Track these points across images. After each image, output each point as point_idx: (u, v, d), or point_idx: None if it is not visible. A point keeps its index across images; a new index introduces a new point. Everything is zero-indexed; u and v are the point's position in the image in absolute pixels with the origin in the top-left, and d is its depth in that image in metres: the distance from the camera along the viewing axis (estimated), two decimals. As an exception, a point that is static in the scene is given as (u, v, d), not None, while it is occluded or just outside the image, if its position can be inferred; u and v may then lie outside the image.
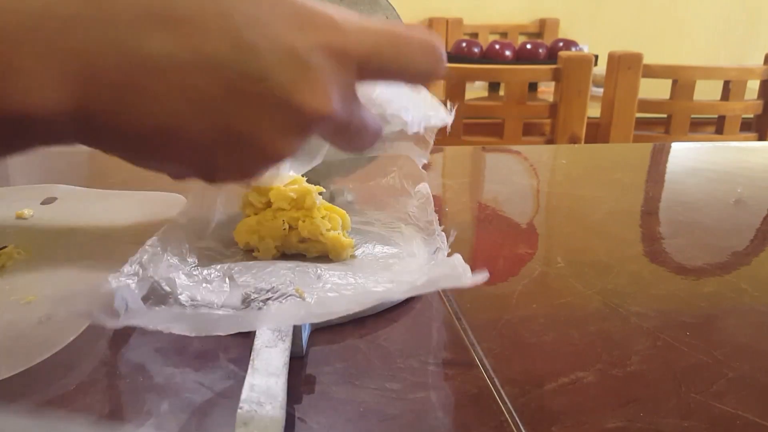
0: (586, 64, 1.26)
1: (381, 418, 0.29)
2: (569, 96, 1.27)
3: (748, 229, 0.56)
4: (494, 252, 0.50)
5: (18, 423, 0.18)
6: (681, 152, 0.87)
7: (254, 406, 0.26)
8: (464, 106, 1.29)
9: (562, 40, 1.83)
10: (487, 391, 0.31)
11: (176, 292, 0.35)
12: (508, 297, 0.42)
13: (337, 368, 0.33)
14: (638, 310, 0.40)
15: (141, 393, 0.31)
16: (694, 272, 0.46)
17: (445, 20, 2.64)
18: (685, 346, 0.36)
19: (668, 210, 0.62)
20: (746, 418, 0.30)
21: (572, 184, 0.71)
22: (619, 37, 2.73)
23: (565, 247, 0.51)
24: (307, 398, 0.30)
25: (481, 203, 0.63)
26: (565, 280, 0.44)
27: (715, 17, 2.82)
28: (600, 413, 0.30)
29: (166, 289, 0.35)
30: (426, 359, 0.34)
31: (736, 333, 0.38)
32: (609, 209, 0.61)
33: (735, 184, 0.69)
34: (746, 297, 0.43)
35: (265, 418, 0.25)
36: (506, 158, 0.86)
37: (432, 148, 0.46)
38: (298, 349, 0.33)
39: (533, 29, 2.75)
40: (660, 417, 0.29)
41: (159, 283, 0.35)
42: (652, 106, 1.39)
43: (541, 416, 0.29)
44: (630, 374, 0.33)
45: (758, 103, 1.45)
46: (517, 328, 0.38)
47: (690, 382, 0.32)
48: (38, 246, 0.46)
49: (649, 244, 0.53)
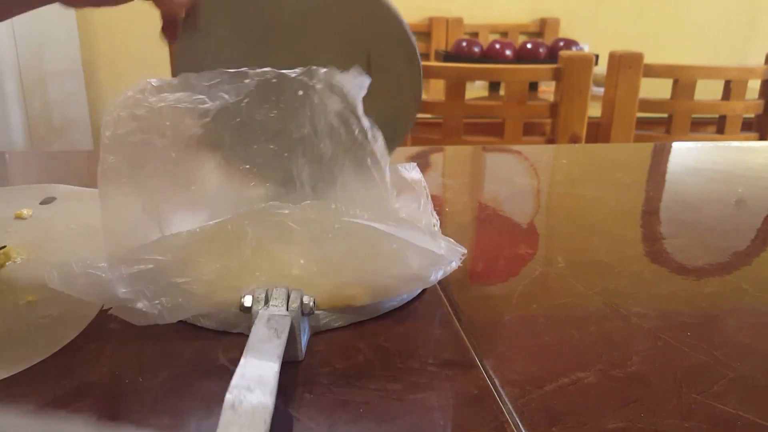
0: (587, 64, 1.26)
1: (381, 419, 0.29)
2: (570, 96, 1.27)
3: (749, 229, 0.56)
4: (494, 252, 0.50)
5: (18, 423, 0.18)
6: (682, 152, 0.87)
7: (243, 391, 0.26)
8: (464, 105, 1.29)
9: (563, 39, 1.82)
10: (487, 391, 0.31)
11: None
12: (509, 297, 0.41)
13: (337, 369, 0.33)
14: (639, 311, 0.39)
15: (141, 393, 0.31)
16: (694, 272, 0.46)
17: (445, 20, 2.64)
18: (686, 346, 0.35)
19: (669, 210, 0.62)
20: (747, 418, 0.29)
21: (573, 184, 0.71)
22: (620, 36, 2.72)
23: (565, 247, 0.51)
24: (307, 399, 0.30)
25: (481, 203, 0.63)
26: (566, 281, 0.44)
27: (715, 17, 2.82)
28: (600, 414, 0.30)
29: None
30: (426, 359, 0.34)
31: (737, 333, 0.38)
32: (610, 209, 0.61)
33: (736, 184, 0.69)
34: (747, 297, 0.43)
35: (254, 402, 0.25)
36: (506, 158, 0.85)
37: (432, 148, 0.46)
38: (297, 354, 0.33)
39: (533, 29, 2.75)
40: (661, 417, 0.29)
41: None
42: (652, 105, 1.39)
43: (542, 417, 0.29)
44: (631, 375, 0.33)
45: (759, 103, 1.45)
46: (517, 329, 0.38)
47: (691, 382, 0.32)
48: (38, 246, 0.46)
49: (650, 244, 0.53)
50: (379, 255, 0.36)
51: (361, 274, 0.36)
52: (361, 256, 0.36)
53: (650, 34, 2.78)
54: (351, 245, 0.36)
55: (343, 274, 0.36)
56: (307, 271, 0.36)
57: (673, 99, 1.38)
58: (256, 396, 0.25)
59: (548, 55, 1.76)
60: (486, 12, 2.71)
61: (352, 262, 0.36)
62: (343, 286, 0.37)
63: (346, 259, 0.36)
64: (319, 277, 0.36)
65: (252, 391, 0.26)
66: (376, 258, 0.36)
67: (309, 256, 0.36)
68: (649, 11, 2.79)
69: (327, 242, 0.36)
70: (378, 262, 0.36)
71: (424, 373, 0.33)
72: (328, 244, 0.36)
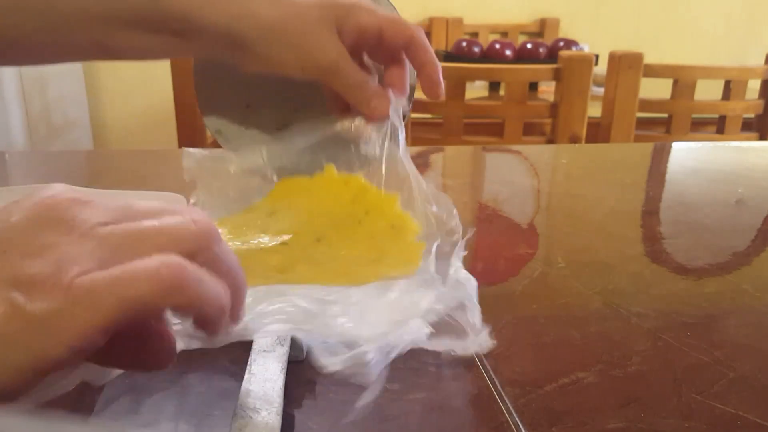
0: (587, 64, 1.26)
1: (381, 419, 0.29)
2: (570, 96, 1.27)
3: (749, 230, 0.56)
4: (494, 252, 0.50)
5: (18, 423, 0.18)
6: (682, 152, 0.87)
7: (250, 412, 0.26)
8: (464, 105, 1.29)
9: (563, 39, 1.82)
10: (487, 391, 0.31)
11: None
12: (508, 297, 0.41)
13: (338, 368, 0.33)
14: (639, 311, 0.39)
15: (141, 393, 0.31)
16: (694, 272, 0.46)
17: (445, 20, 2.64)
18: (686, 346, 0.35)
19: (669, 210, 0.62)
20: (747, 418, 0.29)
21: (573, 184, 0.71)
22: (620, 36, 2.72)
23: (565, 248, 0.51)
24: (307, 399, 0.30)
25: (481, 203, 0.63)
26: (566, 281, 0.44)
27: (715, 17, 2.82)
28: (601, 414, 0.30)
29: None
30: (426, 359, 0.34)
31: (737, 333, 0.38)
32: (609, 209, 0.60)
33: (736, 184, 0.69)
34: (747, 297, 0.43)
35: (261, 424, 0.25)
36: (506, 158, 0.85)
37: (432, 148, 0.46)
38: (298, 354, 0.33)
39: (533, 29, 2.74)
40: (661, 417, 0.29)
41: None
42: (652, 105, 1.39)
43: (542, 417, 0.29)
44: (631, 374, 0.33)
45: (759, 103, 1.45)
46: (518, 329, 0.38)
47: (691, 382, 0.32)
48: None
49: (650, 244, 0.53)
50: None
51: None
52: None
53: (650, 34, 2.78)
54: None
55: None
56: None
57: (673, 99, 1.38)
58: (262, 417, 0.26)
59: (548, 55, 1.76)
60: (486, 12, 2.71)
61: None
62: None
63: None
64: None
65: (258, 412, 0.26)
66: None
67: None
68: (649, 11, 2.79)
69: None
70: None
71: (424, 373, 0.33)
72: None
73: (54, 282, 0.20)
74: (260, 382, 0.28)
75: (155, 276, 0.21)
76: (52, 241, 0.21)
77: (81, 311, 0.20)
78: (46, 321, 0.20)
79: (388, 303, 0.34)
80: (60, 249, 0.21)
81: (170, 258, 0.21)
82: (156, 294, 0.21)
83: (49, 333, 0.20)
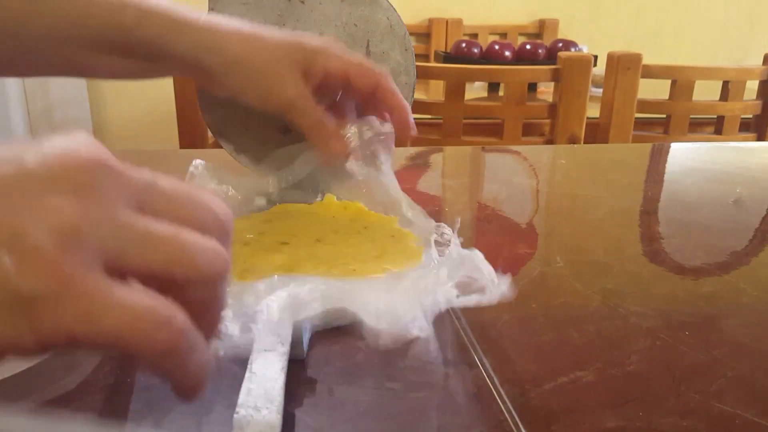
0: (586, 65, 1.26)
1: (381, 418, 0.29)
2: (569, 96, 1.27)
3: (747, 229, 0.56)
4: (494, 252, 0.50)
5: (18, 423, 0.18)
6: (680, 152, 0.87)
7: (251, 410, 0.26)
8: (464, 106, 1.29)
9: (562, 40, 1.82)
10: (486, 390, 0.31)
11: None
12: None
13: (338, 368, 0.33)
14: (637, 310, 0.40)
15: (141, 393, 0.31)
16: (693, 272, 0.47)
17: (445, 20, 2.64)
18: (684, 345, 0.36)
19: (667, 210, 0.62)
20: (745, 417, 0.30)
21: (571, 184, 0.71)
22: (619, 37, 2.73)
23: (564, 247, 0.51)
24: (308, 398, 0.31)
25: (481, 203, 0.64)
26: (565, 280, 0.44)
27: (714, 18, 2.82)
28: (599, 413, 0.30)
29: None
30: (426, 359, 0.34)
31: (735, 332, 0.38)
32: (608, 209, 0.61)
33: (734, 185, 0.69)
34: (745, 297, 0.43)
35: (262, 422, 0.25)
36: (506, 158, 0.86)
37: (431, 148, 0.47)
38: (299, 352, 0.33)
39: (533, 30, 2.75)
40: (659, 416, 0.30)
41: None
42: (651, 106, 1.39)
43: (541, 416, 0.29)
44: (629, 374, 0.33)
45: (757, 104, 1.45)
46: (517, 328, 0.38)
47: (689, 381, 0.32)
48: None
49: (648, 243, 0.53)
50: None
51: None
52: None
53: (649, 35, 2.78)
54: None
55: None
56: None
57: (671, 100, 1.38)
58: (263, 415, 0.26)
59: (547, 56, 1.76)
60: (485, 13, 2.71)
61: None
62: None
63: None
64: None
65: (259, 411, 0.26)
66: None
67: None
68: (647, 12, 2.79)
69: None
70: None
71: (423, 372, 0.33)
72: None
73: (53, 263, 0.18)
74: (261, 380, 0.28)
75: (154, 332, 0.19)
76: (66, 207, 0.19)
77: (68, 313, 0.18)
78: (27, 302, 0.18)
79: (405, 289, 0.37)
80: (71, 221, 0.19)
81: (176, 318, 0.20)
82: (145, 350, 0.19)
83: (24, 316, 0.18)
